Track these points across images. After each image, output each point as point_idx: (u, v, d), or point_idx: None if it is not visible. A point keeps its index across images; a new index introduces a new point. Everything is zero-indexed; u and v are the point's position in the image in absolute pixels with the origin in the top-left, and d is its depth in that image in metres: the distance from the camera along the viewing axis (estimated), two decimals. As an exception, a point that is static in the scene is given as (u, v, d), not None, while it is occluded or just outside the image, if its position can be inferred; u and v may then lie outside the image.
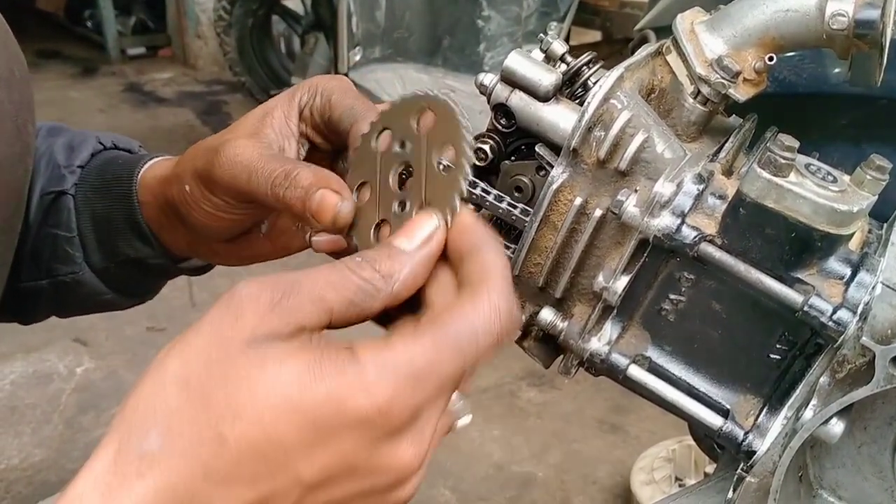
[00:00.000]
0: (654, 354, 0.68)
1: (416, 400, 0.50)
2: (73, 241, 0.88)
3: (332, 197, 0.66)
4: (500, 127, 0.70)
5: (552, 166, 0.66)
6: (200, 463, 0.48)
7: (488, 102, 0.69)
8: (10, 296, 0.84)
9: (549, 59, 0.69)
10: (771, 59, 0.64)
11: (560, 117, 0.67)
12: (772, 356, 0.65)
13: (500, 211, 0.69)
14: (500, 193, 0.69)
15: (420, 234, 0.57)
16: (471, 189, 0.66)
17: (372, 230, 0.65)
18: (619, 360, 0.67)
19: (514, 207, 0.68)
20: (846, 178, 0.62)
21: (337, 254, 0.79)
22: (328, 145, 0.78)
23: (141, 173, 0.85)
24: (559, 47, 0.69)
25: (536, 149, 0.68)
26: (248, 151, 0.71)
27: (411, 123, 0.63)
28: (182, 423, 0.48)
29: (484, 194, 0.69)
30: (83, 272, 0.89)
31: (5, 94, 0.75)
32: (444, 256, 0.58)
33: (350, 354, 0.49)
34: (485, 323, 0.52)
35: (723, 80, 0.64)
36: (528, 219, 0.67)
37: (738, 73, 0.64)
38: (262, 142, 0.74)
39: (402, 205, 0.63)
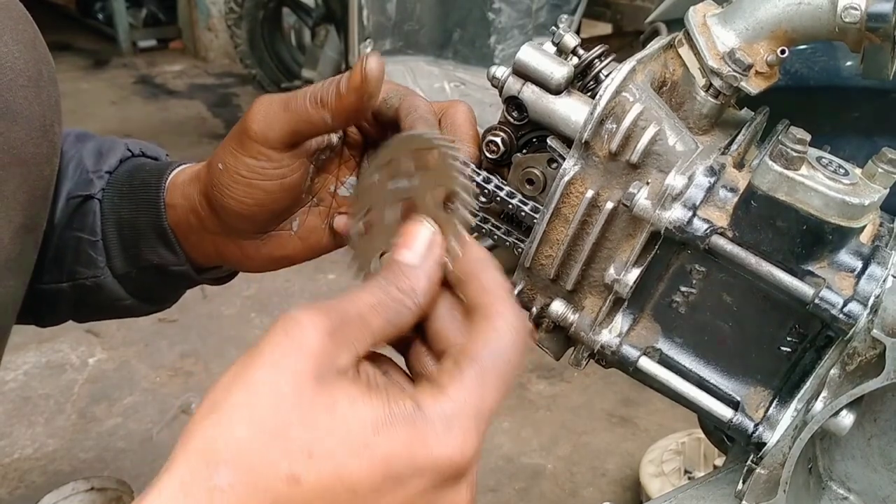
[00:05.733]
0: (665, 346, 0.68)
1: (476, 442, 0.52)
2: (96, 244, 0.88)
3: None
4: (511, 119, 0.70)
5: (564, 159, 0.67)
6: (272, 501, 0.48)
7: (500, 95, 0.70)
8: (29, 297, 0.84)
9: (561, 51, 0.70)
10: (783, 52, 0.64)
11: (572, 110, 0.67)
12: (782, 348, 0.65)
13: (511, 206, 0.69)
14: (512, 190, 0.69)
15: (419, 243, 0.59)
16: (484, 184, 0.67)
17: (375, 260, 0.66)
18: (629, 352, 0.68)
19: (525, 204, 0.69)
20: (858, 171, 0.62)
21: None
22: (360, 137, 0.82)
23: (170, 178, 0.86)
24: (571, 40, 0.69)
25: (548, 141, 0.68)
26: (276, 99, 0.74)
27: (410, 162, 0.64)
28: (254, 460, 0.48)
29: (497, 190, 0.69)
30: (104, 276, 0.89)
31: (34, 94, 0.75)
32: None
33: (414, 403, 0.51)
34: (510, 344, 0.55)
35: (735, 73, 0.64)
36: (538, 213, 0.68)
37: (749, 66, 0.64)
38: None
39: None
